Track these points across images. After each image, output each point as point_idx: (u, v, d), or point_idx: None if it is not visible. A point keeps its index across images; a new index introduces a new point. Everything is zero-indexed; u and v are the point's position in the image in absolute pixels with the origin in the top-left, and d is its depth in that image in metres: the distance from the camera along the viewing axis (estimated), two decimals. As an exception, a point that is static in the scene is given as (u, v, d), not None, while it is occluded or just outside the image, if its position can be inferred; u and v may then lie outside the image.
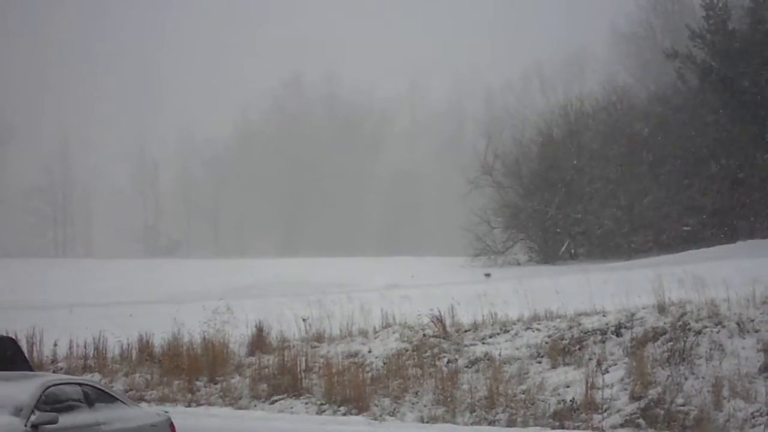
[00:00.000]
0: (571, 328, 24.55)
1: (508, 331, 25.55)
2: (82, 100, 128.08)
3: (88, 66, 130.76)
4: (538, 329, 25.20)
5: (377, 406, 22.98)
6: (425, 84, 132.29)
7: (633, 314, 24.33)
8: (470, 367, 23.88)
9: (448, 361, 24.30)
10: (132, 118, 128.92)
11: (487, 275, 54.28)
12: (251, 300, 36.24)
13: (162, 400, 24.97)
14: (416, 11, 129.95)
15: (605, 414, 20.82)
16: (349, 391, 23.55)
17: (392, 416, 22.54)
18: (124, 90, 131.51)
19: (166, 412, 16.75)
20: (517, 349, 24.31)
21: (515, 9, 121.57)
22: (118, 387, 25.07)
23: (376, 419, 22.37)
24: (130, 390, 25.49)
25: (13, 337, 20.39)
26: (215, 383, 25.78)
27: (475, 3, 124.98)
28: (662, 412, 20.39)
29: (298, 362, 25.09)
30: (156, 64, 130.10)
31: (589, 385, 21.42)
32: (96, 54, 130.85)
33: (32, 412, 13.29)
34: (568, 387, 21.97)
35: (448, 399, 22.53)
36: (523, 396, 22.03)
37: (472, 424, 21.61)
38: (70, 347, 28.37)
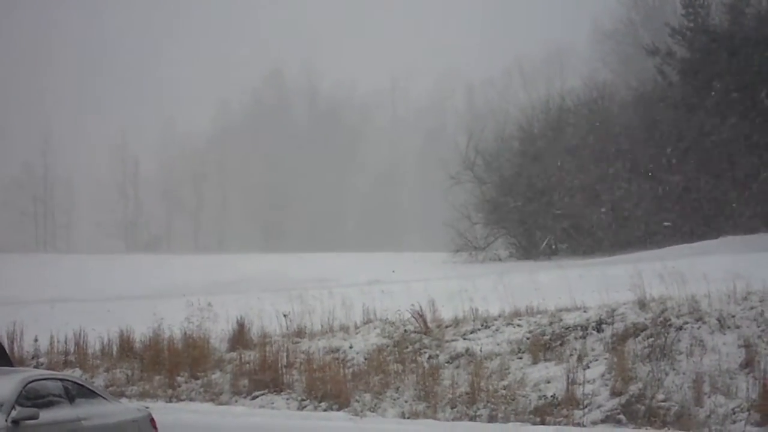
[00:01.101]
0: (551, 323, 24.59)
1: (489, 327, 25.57)
2: (62, 95, 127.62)
3: (69, 60, 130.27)
4: (519, 325, 25.22)
5: (358, 401, 22.98)
6: (407, 79, 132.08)
7: (614, 310, 24.38)
8: (451, 363, 23.90)
9: (429, 357, 24.31)
10: (113, 112, 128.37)
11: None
12: (232, 295, 36.13)
13: (143, 395, 24.91)
14: (398, 6, 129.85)
15: (586, 410, 20.88)
16: (330, 386, 23.53)
17: (373, 412, 22.54)
18: (105, 84, 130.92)
19: (147, 407, 16.72)
20: (498, 344, 24.33)
21: (497, 5, 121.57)
22: (98, 382, 25.01)
23: (357, 415, 22.37)
24: (111, 385, 25.41)
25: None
26: (196, 379, 25.72)
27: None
28: (643, 407, 20.46)
29: (279, 358, 25.05)
30: (137, 59, 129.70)
31: (569, 380, 21.48)
32: (78, 49, 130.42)
33: (13, 407, 13.27)
34: (549, 383, 22.02)
35: (429, 395, 22.54)
36: (504, 392, 22.06)
37: (453, 419, 21.65)
38: (51, 343, 28.24)
